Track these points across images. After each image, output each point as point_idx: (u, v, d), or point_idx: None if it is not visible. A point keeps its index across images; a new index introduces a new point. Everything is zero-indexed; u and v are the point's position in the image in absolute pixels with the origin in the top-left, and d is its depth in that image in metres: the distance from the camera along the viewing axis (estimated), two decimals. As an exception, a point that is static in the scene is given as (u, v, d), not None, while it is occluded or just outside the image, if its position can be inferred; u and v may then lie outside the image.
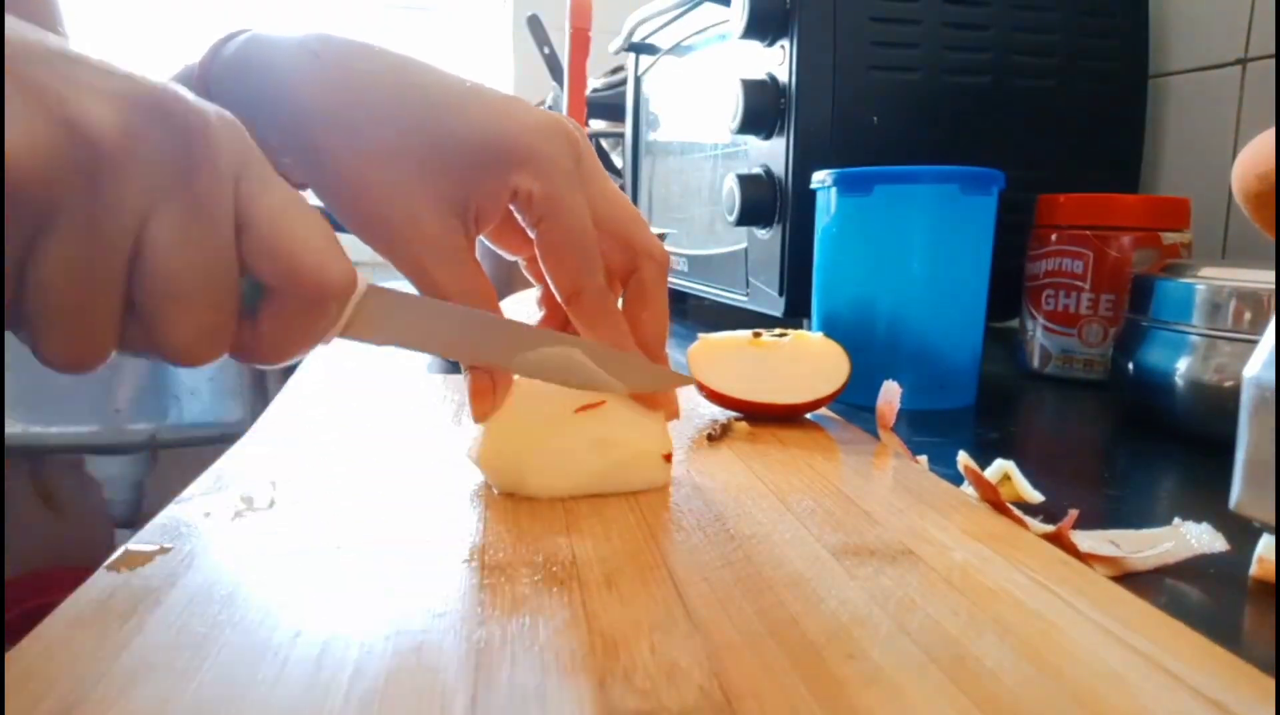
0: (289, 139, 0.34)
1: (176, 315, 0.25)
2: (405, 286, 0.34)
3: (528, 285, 0.45)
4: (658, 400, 0.37)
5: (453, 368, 0.66)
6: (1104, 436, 0.53)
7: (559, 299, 0.36)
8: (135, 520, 1.39)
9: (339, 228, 0.35)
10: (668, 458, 0.36)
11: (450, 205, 0.33)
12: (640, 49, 1.02)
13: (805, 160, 0.66)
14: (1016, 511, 0.34)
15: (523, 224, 0.36)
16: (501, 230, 0.39)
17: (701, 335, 0.50)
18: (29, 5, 0.46)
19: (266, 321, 0.27)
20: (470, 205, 0.34)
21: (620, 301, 0.38)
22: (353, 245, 0.36)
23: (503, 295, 0.56)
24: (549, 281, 0.36)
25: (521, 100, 0.36)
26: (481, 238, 0.40)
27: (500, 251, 0.40)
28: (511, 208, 0.35)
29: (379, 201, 0.33)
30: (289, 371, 0.64)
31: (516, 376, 0.37)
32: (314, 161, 0.34)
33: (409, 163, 0.33)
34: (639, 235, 0.37)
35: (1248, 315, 0.46)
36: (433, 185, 0.33)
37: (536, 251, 0.36)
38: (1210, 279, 0.48)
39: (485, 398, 0.35)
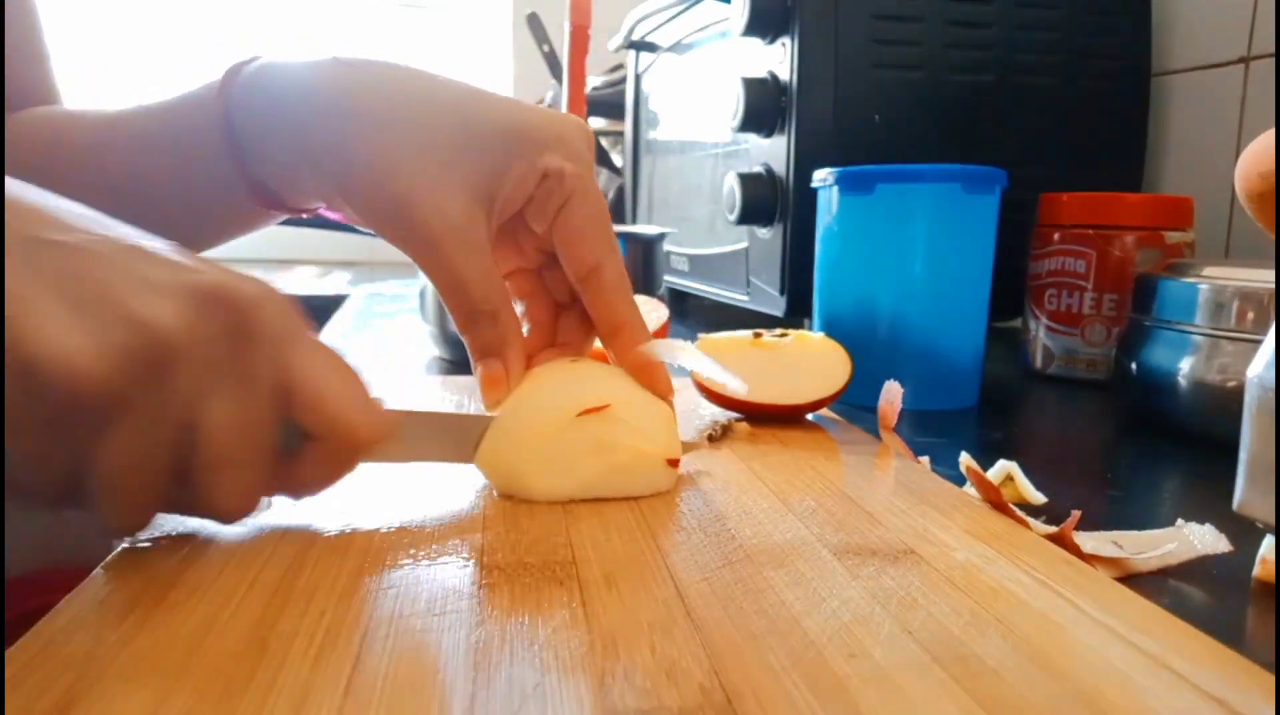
0: (312, 144, 0.35)
1: (224, 481, 0.26)
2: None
3: None
4: (658, 387, 0.37)
5: (451, 368, 0.66)
6: (1107, 437, 0.53)
7: (574, 280, 0.37)
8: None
9: (355, 230, 0.36)
10: (674, 462, 0.36)
11: (476, 194, 0.34)
12: (640, 47, 1.02)
13: (806, 159, 0.66)
14: (1019, 512, 0.34)
15: (532, 218, 0.36)
16: (499, 244, 0.39)
17: (702, 335, 0.50)
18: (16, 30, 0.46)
19: (307, 466, 0.29)
20: (496, 194, 0.35)
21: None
22: (356, 245, 0.36)
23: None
24: (565, 264, 0.37)
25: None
26: None
27: None
28: (531, 199, 0.36)
29: (406, 193, 0.33)
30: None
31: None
32: (340, 162, 0.34)
33: (438, 154, 0.34)
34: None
35: (1251, 315, 0.46)
36: (460, 175, 0.34)
37: (556, 237, 0.36)
38: (1213, 278, 0.48)
39: (498, 386, 0.36)
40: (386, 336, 0.81)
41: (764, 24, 0.68)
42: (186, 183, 0.40)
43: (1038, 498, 0.38)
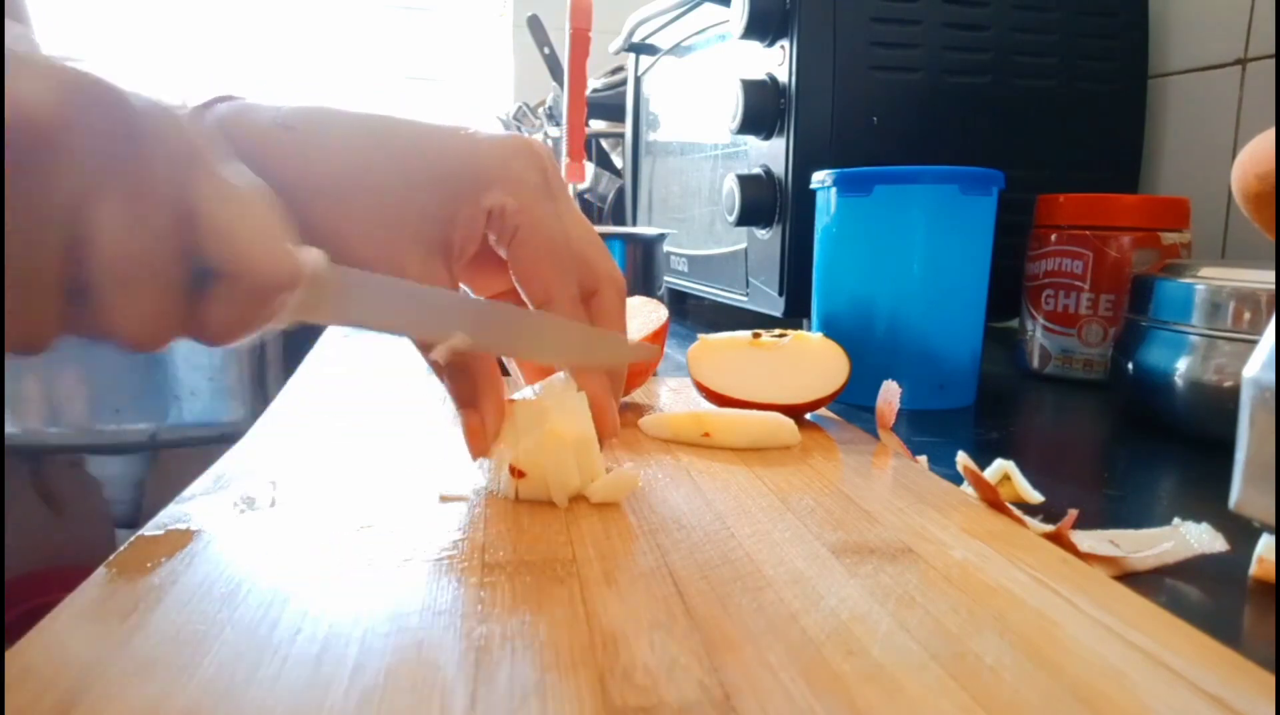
0: None
1: (123, 300, 0.25)
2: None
3: None
4: (604, 426, 0.36)
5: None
6: (1103, 437, 0.53)
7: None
8: (136, 520, 1.39)
9: None
10: (515, 472, 0.35)
11: (431, 248, 0.34)
12: (640, 49, 1.02)
13: (805, 160, 0.66)
14: (1016, 511, 0.34)
15: (496, 246, 0.36)
16: (474, 270, 0.39)
17: (701, 336, 0.50)
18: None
19: (214, 306, 0.27)
20: (452, 242, 0.35)
21: None
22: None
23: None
24: (522, 294, 0.36)
25: (485, 129, 0.36)
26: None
27: (472, 293, 0.40)
28: (488, 234, 0.35)
29: (364, 260, 0.33)
30: (289, 371, 0.64)
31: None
32: (300, 229, 0.34)
33: (386, 215, 0.34)
34: (599, 259, 0.37)
35: (1247, 315, 0.46)
36: (411, 231, 0.34)
37: (510, 268, 0.36)
38: (1210, 279, 0.48)
39: (478, 437, 0.35)
40: (386, 335, 0.81)
41: (763, 27, 0.68)
42: None
43: (1035, 497, 0.38)
